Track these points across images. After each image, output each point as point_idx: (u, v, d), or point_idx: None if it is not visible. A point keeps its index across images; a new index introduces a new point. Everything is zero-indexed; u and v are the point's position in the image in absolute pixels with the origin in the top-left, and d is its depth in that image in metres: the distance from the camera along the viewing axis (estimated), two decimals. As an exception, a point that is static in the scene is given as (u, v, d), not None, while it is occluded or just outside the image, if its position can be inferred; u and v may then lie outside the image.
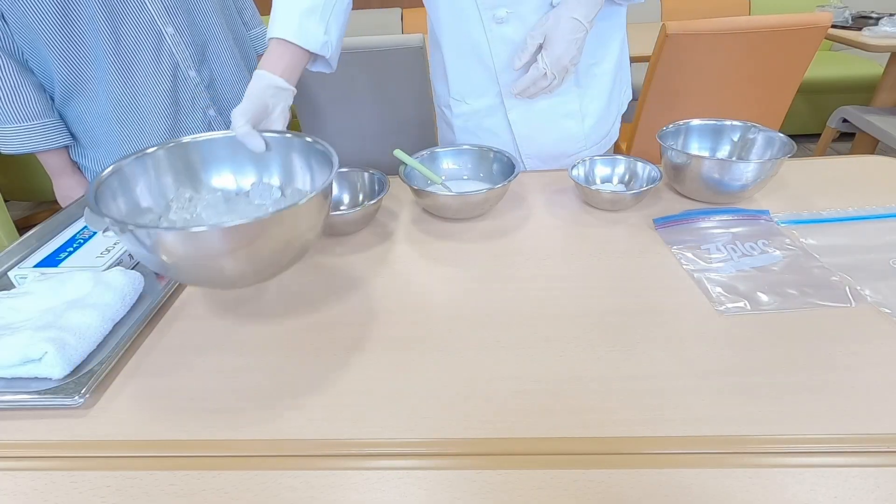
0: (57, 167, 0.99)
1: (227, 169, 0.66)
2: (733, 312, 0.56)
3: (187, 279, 0.59)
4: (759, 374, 0.48)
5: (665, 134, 0.82)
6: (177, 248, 0.47)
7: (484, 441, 0.44)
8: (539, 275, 0.65)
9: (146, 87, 0.93)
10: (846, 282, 0.59)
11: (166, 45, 0.93)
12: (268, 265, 0.52)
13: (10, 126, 0.89)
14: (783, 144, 0.75)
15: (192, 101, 0.99)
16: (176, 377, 0.53)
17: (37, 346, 0.51)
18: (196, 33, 0.96)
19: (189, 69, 0.96)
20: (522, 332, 0.56)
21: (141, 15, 0.89)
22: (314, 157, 0.62)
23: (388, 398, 0.49)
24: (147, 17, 0.89)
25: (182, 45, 0.94)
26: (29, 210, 2.46)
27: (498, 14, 0.81)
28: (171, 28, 0.92)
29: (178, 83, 0.96)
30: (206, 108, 1.01)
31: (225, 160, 0.65)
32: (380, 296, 0.63)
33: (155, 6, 0.89)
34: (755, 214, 0.72)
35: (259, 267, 0.52)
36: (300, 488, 0.41)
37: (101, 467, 0.44)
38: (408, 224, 0.78)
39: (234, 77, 1.04)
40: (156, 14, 0.90)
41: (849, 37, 1.93)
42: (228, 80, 1.03)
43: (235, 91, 1.04)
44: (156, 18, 0.90)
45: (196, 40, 0.96)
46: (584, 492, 0.40)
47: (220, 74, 1.02)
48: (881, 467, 0.40)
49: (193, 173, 0.64)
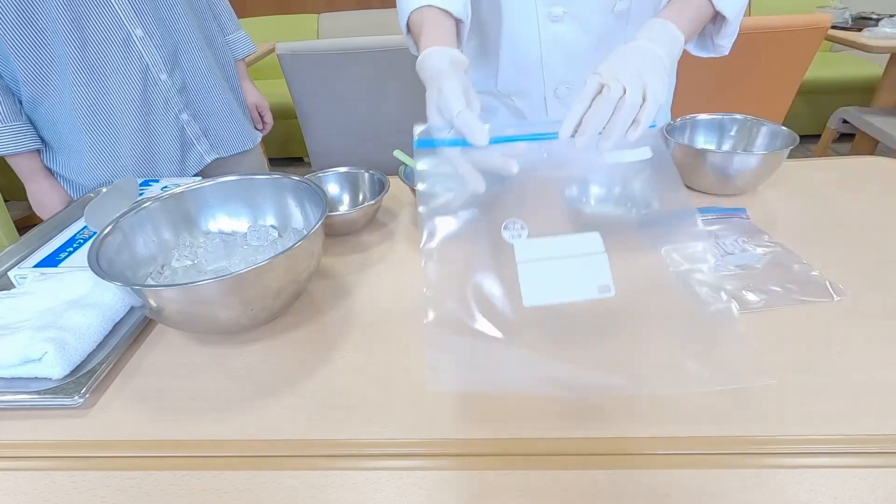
0: (27, 171, 0.97)
1: (223, 213, 0.68)
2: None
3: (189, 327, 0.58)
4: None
5: (672, 128, 0.83)
6: (180, 301, 0.50)
7: (484, 441, 0.44)
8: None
9: (115, 90, 0.91)
10: (826, 277, 0.60)
11: (135, 48, 0.90)
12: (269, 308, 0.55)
13: None
14: (786, 137, 0.77)
15: (165, 105, 0.97)
16: (176, 377, 0.53)
17: (36, 346, 0.51)
18: (167, 36, 0.94)
19: (160, 72, 0.94)
20: (522, 332, 0.55)
21: (107, 17, 0.86)
22: (306, 196, 0.64)
23: (388, 398, 0.49)
24: (114, 18, 0.87)
25: (152, 47, 0.92)
26: (29, 210, 2.44)
27: (554, 12, 0.78)
28: (140, 30, 0.90)
29: (149, 86, 0.94)
30: (178, 112, 0.99)
31: (218, 206, 0.68)
32: (379, 296, 0.63)
33: (122, 6, 0.87)
34: (732, 213, 0.73)
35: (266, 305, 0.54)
36: (300, 488, 0.41)
37: (100, 467, 0.44)
38: (408, 224, 0.78)
39: (208, 82, 1.02)
40: (123, 15, 0.87)
41: (849, 38, 1.93)
42: (201, 85, 1.01)
43: (208, 96, 1.02)
44: (123, 20, 0.87)
45: (167, 42, 0.94)
46: (584, 492, 0.40)
47: (193, 79, 1.00)
48: (881, 468, 0.40)
49: (191, 221, 0.67)
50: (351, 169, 0.83)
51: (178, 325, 0.56)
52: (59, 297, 0.59)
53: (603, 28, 0.80)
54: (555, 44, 0.82)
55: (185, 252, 0.63)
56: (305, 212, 0.66)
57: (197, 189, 0.66)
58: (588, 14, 0.78)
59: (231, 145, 1.09)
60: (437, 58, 0.57)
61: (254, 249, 0.63)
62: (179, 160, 1.01)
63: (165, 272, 0.61)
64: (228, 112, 1.07)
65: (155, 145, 0.98)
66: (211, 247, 0.63)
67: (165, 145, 0.99)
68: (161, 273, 0.61)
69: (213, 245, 0.63)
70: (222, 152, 1.07)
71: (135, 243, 0.61)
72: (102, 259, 0.53)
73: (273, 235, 0.66)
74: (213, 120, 1.04)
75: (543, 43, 0.82)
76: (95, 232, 0.74)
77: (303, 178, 0.64)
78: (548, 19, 0.80)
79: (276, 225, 0.68)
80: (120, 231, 0.59)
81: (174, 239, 0.65)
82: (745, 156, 0.74)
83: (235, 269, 0.58)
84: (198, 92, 1.01)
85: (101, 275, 0.50)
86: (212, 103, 1.03)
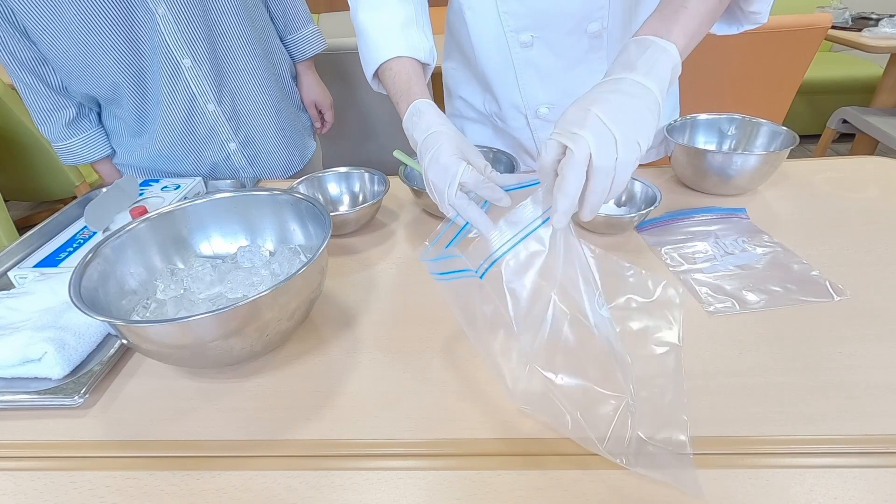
0: (111, 175, 1.03)
1: (217, 233, 0.64)
2: (722, 312, 0.56)
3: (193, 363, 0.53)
4: (757, 375, 0.48)
5: (672, 128, 0.83)
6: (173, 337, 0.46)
7: (484, 441, 0.44)
8: (539, 275, 0.64)
9: (160, 119, 0.92)
10: (826, 277, 0.60)
11: (182, 77, 0.89)
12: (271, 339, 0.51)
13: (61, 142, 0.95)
14: (786, 137, 0.77)
15: (209, 134, 0.97)
16: (176, 377, 0.53)
17: (36, 346, 0.51)
18: (217, 63, 0.92)
19: (207, 102, 0.93)
20: (522, 332, 0.55)
21: (158, 49, 0.86)
22: (307, 212, 0.61)
23: (388, 398, 0.49)
24: (164, 50, 0.86)
25: (200, 77, 0.91)
26: (29, 210, 2.46)
27: (522, 38, 0.77)
28: (189, 59, 0.88)
29: (194, 116, 0.94)
30: (226, 140, 0.99)
31: (212, 225, 0.64)
32: (379, 296, 0.63)
33: (172, 38, 0.85)
34: (732, 213, 0.73)
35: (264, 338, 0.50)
36: (300, 488, 0.41)
37: (100, 467, 0.44)
38: (408, 224, 0.78)
39: (258, 102, 1.00)
40: (172, 46, 0.86)
41: (849, 38, 1.93)
42: (252, 109, 0.99)
43: (258, 119, 1.01)
44: (172, 50, 0.86)
45: (217, 70, 0.92)
46: (584, 492, 0.40)
47: (244, 103, 0.98)
48: (881, 468, 0.40)
49: (182, 242, 0.62)
50: (351, 169, 0.83)
51: (183, 362, 0.51)
52: (59, 297, 0.59)
53: (577, 50, 0.77)
54: (529, 67, 0.80)
55: (168, 282, 0.58)
56: (306, 228, 0.62)
57: (189, 207, 0.62)
58: (558, 37, 0.76)
59: (278, 172, 1.07)
60: (430, 111, 0.58)
61: (245, 272, 0.58)
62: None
63: (151, 305, 0.56)
64: (279, 134, 1.05)
65: (198, 172, 1.00)
66: (200, 273, 0.58)
67: (210, 172, 1.01)
68: (147, 307, 0.56)
69: (203, 271, 0.58)
70: (268, 178, 1.06)
71: (121, 272, 0.56)
72: (85, 290, 0.49)
73: (265, 256, 0.62)
74: (261, 145, 1.03)
75: (517, 67, 0.80)
76: (95, 232, 0.74)
77: (306, 196, 0.61)
78: (518, 45, 0.78)
79: (275, 244, 0.65)
80: (103, 259, 0.54)
81: (164, 265, 0.60)
82: (745, 156, 0.74)
83: (232, 294, 0.56)
84: (248, 116, 0.99)
85: (81, 309, 0.46)
86: (262, 126, 1.02)
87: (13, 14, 0.79)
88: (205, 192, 0.81)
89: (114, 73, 0.86)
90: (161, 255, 0.61)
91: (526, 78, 0.81)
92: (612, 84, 0.46)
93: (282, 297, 0.47)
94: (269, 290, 0.45)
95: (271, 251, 0.64)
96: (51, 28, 0.80)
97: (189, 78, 0.90)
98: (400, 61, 0.65)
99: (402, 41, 0.65)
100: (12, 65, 0.85)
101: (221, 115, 0.96)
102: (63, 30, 0.80)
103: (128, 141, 0.98)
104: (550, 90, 0.82)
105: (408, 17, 0.67)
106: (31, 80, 0.87)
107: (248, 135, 1.01)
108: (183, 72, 0.89)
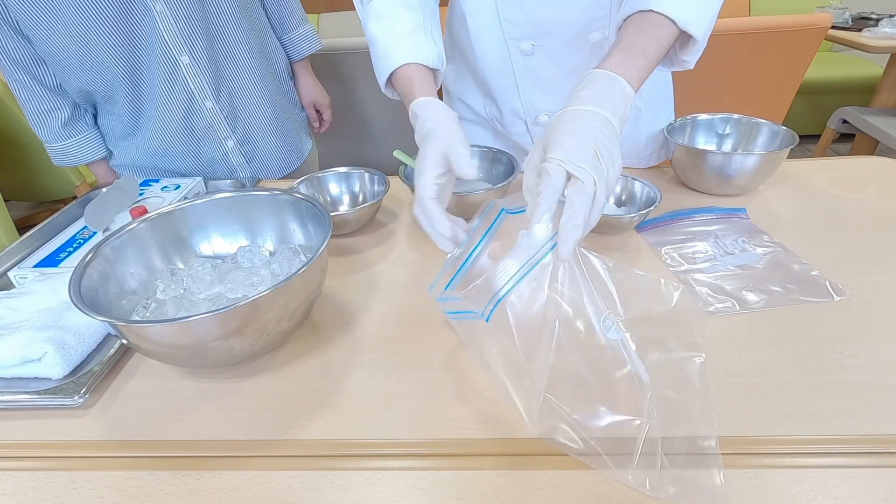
0: (106, 176, 1.03)
1: (217, 233, 0.64)
2: (722, 312, 0.56)
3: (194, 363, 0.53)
4: (757, 375, 0.48)
5: (672, 128, 0.83)
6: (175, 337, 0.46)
7: (484, 441, 0.44)
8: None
9: (157, 117, 0.92)
10: (826, 277, 0.59)
11: (180, 76, 0.89)
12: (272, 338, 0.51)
13: (56, 143, 0.95)
14: (786, 137, 0.77)
15: (206, 132, 0.96)
16: (176, 377, 0.53)
17: (36, 346, 0.51)
18: (215, 59, 0.92)
19: (205, 100, 0.93)
20: (522, 332, 0.55)
21: (156, 47, 0.85)
22: (307, 212, 0.61)
23: (388, 399, 0.49)
24: (163, 48, 0.86)
25: (198, 74, 0.90)
26: (29, 210, 2.46)
27: (523, 47, 0.77)
28: (187, 57, 0.88)
29: (192, 114, 0.94)
30: (223, 138, 0.98)
31: (212, 225, 0.64)
32: (379, 296, 0.63)
33: (170, 34, 0.85)
34: (732, 213, 0.73)
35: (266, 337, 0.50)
36: (300, 488, 0.41)
37: (100, 467, 0.44)
38: (408, 224, 0.78)
39: (255, 99, 1.00)
40: (170, 42, 0.86)
41: (848, 38, 1.93)
42: (249, 106, 0.99)
43: (256, 115, 1.01)
44: (170, 48, 0.86)
45: (214, 67, 0.92)
46: (585, 492, 0.40)
47: (241, 100, 0.98)
48: (881, 468, 0.40)
49: (182, 242, 0.62)
50: (351, 169, 0.83)
51: (183, 362, 0.51)
52: (59, 297, 0.59)
53: (578, 59, 0.78)
54: (529, 75, 0.81)
55: (168, 282, 0.58)
56: (306, 228, 0.62)
57: (189, 207, 0.62)
58: (559, 46, 0.76)
59: (275, 170, 1.07)
60: (435, 108, 0.58)
61: (245, 272, 0.58)
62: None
63: (151, 305, 0.56)
64: (276, 132, 1.05)
65: (196, 170, 1.00)
66: (200, 273, 0.58)
67: (207, 169, 1.01)
68: (147, 307, 0.56)
69: (202, 271, 0.58)
70: (265, 177, 1.06)
71: (121, 272, 0.56)
72: (85, 290, 0.49)
73: (265, 255, 0.62)
74: (258, 143, 1.03)
75: (518, 75, 0.81)
76: (95, 232, 0.74)
77: (306, 196, 0.61)
78: (518, 53, 0.78)
79: (275, 244, 0.64)
80: (103, 259, 0.54)
81: (164, 265, 0.60)
82: (745, 156, 0.74)
83: (232, 294, 0.56)
84: (246, 114, 0.99)
85: (82, 309, 0.46)
86: (259, 123, 1.02)
87: (7, 10, 0.79)
88: (205, 192, 0.81)
89: (110, 69, 0.85)
90: (161, 255, 0.60)
91: (526, 85, 0.82)
92: (594, 117, 0.47)
93: (282, 297, 0.47)
94: (269, 290, 0.45)
95: (271, 251, 0.64)
96: (46, 24, 0.80)
97: (187, 75, 0.90)
98: (406, 68, 0.65)
99: (410, 48, 0.65)
100: (6, 63, 0.85)
101: (219, 113, 0.96)
102: (59, 26, 0.80)
103: (123, 141, 0.97)
104: (550, 98, 0.82)
105: (415, 23, 0.67)
106: (25, 79, 0.87)
107: (246, 132, 1.01)
108: (181, 69, 0.89)
